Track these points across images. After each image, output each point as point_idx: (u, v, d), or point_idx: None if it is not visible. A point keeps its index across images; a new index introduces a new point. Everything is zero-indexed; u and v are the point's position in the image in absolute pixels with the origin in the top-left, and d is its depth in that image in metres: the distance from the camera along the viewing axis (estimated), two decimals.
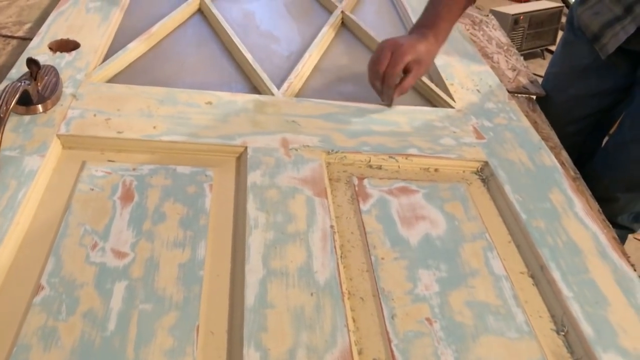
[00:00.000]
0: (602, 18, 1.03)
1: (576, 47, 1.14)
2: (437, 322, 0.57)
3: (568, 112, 1.16)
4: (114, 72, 0.90)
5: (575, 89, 1.15)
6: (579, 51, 1.13)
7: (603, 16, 1.03)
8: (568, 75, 1.16)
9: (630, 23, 0.98)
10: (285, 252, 0.61)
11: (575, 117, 1.17)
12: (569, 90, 1.16)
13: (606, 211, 0.83)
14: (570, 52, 1.17)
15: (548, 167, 0.81)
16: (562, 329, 0.59)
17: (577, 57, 1.14)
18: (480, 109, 0.92)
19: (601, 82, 1.12)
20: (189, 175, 0.70)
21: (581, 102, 1.15)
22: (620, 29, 1.00)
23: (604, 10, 1.03)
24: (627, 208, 1.13)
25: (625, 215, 1.15)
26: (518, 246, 0.69)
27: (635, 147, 1.05)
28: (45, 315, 0.52)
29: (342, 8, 1.18)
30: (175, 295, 0.55)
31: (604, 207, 0.84)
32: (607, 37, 1.03)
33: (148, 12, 1.09)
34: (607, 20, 1.03)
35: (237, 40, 1.01)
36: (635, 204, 1.13)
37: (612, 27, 1.01)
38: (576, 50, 1.14)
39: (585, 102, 1.15)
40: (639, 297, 0.62)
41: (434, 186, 0.75)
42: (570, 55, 1.17)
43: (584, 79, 1.13)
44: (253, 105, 0.83)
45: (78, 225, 0.61)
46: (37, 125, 0.73)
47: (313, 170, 0.73)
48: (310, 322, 0.54)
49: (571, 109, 1.16)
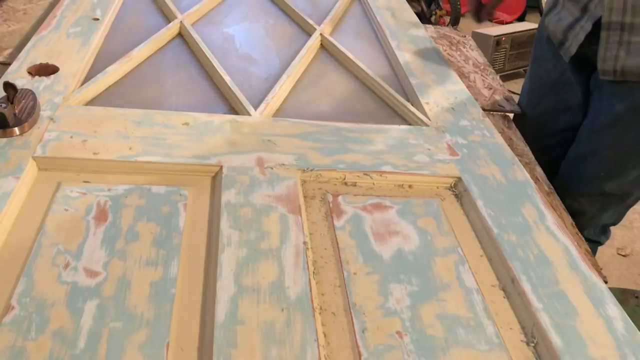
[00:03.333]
0: (564, 22, 1.07)
1: (544, 62, 1.17)
2: (407, 336, 0.58)
3: (543, 126, 1.18)
4: (92, 95, 0.91)
5: (547, 104, 1.18)
6: (546, 67, 1.16)
7: (565, 20, 1.07)
8: (539, 91, 1.20)
9: (587, 21, 1.01)
10: (258, 269, 0.61)
11: (551, 131, 1.19)
12: (541, 105, 1.19)
13: (577, 225, 0.84)
14: (539, 67, 1.20)
15: (521, 182, 0.82)
16: (532, 341, 0.60)
17: (544, 72, 1.17)
18: (454, 126, 0.93)
19: (569, 97, 1.14)
20: (164, 194, 0.71)
21: (554, 117, 1.17)
22: (580, 29, 1.03)
23: (566, 15, 1.07)
24: (594, 221, 1.15)
25: (592, 228, 1.16)
26: (490, 260, 0.70)
27: (593, 159, 1.07)
28: (15, 335, 0.52)
29: (321, 31, 1.21)
30: (147, 313, 0.56)
31: (575, 220, 0.85)
32: (570, 40, 1.06)
33: (128, 36, 1.11)
34: (568, 23, 1.06)
35: (216, 63, 1.02)
36: (600, 216, 1.15)
37: (573, 29, 1.05)
38: (544, 66, 1.18)
39: (557, 117, 1.17)
40: (607, 307, 0.63)
41: (408, 202, 0.76)
42: (538, 71, 1.20)
43: (554, 94, 1.16)
44: (230, 126, 0.84)
45: (51, 245, 0.62)
46: (13, 147, 0.73)
47: (288, 188, 0.74)
48: (280, 338, 0.54)
49: (546, 123, 1.18)
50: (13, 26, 1.15)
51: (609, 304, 0.64)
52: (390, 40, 1.21)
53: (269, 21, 1.29)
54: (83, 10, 1.14)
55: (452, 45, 1.36)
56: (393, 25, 1.29)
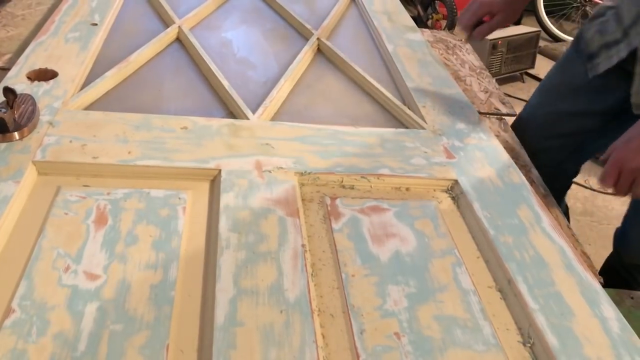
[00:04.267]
0: (604, 38, 1.03)
1: (574, 64, 1.13)
2: (405, 337, 0.58)
3: (552, 126, 1.16)
4: (91, 99, 0.92)
5: (563, 105, 1.14)
6: (576, 69, 1.11)
7: (605, 37, 1.03)
8: (559, 90, 1.16)
9: (624, 48, 0.98)
10: (256, 271, 0.62)
11: (558, 133, 1.16)
12: (556, 104, 1.15)
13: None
14: (568, 67, 1.16)
15: (517, 184, 0.83)
16: (529, 341, 0.60)
17: (572, 74, 1.13)
18: (451, 129, 0.94)
19: (590, 103, 1.10)
20: (163, 198, 0.71)
21: (566, 118, 1.14)
22: (615, 53, 1.00)
23: (608, 30, 1.03)
24: None
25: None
26: (486, 261, 0.71)
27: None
28: (15, 338, 0.52)
29: (318, 35, 1.22)
30: (146, 315, 0.56)
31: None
32: (601, 58, 1.03)
33: (127, 41, 1.11)
34: (606, 41, 1.03)
35: (214, 67, 1.03)
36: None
37: (609, 49, 1.01)
38: (573, 67, 1.13)
39: (570, 119, 1.14)
40: (603, 308, 0.64)
41: (405, 204, 0.77)
42: (566, 70, 1.16)
43: (574, 96, 1.12)
44: (228, 130, 0.85)
45: (51, 248, 0.62)
46: (12, 152, 0.74)
47: (286, 191, 0.74)
48: (279, 339, 0.55)
49: (555, 123, 1.15)
50: (12, 31, 1.16)
51: (605, 305, 0.64)
52: (387, 44, 1.21)
53: (266, 26, 1.30)
54: (81, 16, 1.15)
55: (448, 49, 1.37)
56: (389, 29, 1.29)
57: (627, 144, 0.81)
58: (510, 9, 1.00)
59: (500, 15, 1.01)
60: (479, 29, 1.01)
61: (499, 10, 1.00)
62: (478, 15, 1.00)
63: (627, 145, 0.81)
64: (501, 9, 1.00)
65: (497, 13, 1.00)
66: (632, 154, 0.79)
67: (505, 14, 1.01)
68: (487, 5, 0.99)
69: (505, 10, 1.00)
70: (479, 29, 1.01)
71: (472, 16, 1.01)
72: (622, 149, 0.81)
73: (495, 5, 1.00)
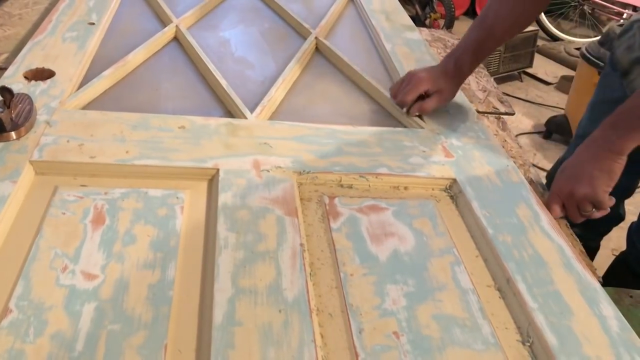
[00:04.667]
0: (633, 55, 1.03)
1: (610, 78, 1.13)
2: (404, 336, 0.58)
3: None
4: (88, 99, 0.91)
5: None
6: (612, 83, 1.12)
7: (633, 53, 1.03)
8: (603, 106, 1.14)
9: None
10: (255, 271, 0.62)
11: None
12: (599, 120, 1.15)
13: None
14: (607, 83, 1.16)
15: (515, 183, 0.83)
16: (528, 340, 0.60)
17: (610, 89, 1.13)
18: (449, 128, 0.94)
19: None
20: (161, 198, 0.71)
21: None
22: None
23: (636, 46, 1.02)
24: None
25: None
26: (485, 260, 0.71)
27: None
28: (13, 338, 0.52)
29: (316, 34, 1.21)
30: (144, 315, 0.56)
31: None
32: (635, 74, 1.02)
33: (124, 40, 1.11)
34: (636, 57, 1.02)
35: (212, 66, 1.03)
36: None
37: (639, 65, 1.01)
38: (610, 82, 1.13)
39: None
40: (602, 306, 0.64)
41: (403, 203, 0.77)
42: (605, 86, 1.17)
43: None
44: (226, 129, 0.84)
45: (49, 248, 0.62)
46: (9, 152, 0.74)
47: (284, 190, 0.74)
48: (277, 339, 0.55)
49: None
50: (9, 30, 1.15)
51: (604, 303, 0.64)
52: (385, 43, 1.21)
53: (264, 25, 1.30)
54: (79, 15, 1.14)
55: (446, 48, 1.36)
56: (387, 28, 1.29)
57: (561, 174, 0.85)
58: (449, 90, 0.98)
59: (441, 96, 0.98)
60: (417, 105, 0.97)
61: (438, 91, 0.97)
62: (420, 91, 0.96)
63: (562, 175, 0.84)
64: (441, 89, 0.97)
65: (436, 92, 0.97)
66: (564, 182, 0.83)
67: (444, 95, 0.98)
68: (427, 84, 0.96)
69: (445, 91, 0.98)
70: (417, 105, 0.97)
71: (413, 91, 0.96)
72: (558, 180, 0.84)
73: (436, 85, 0.97)
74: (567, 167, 0.84)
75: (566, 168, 0.84)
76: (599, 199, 0.80)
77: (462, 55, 0.97)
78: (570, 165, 0.84)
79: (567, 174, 0.83)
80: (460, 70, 0.97)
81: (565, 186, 0.82)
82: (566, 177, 0.83)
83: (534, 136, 2.74)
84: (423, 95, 0.97)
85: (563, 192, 0.82)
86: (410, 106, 0.97)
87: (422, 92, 0.97)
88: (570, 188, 0.81)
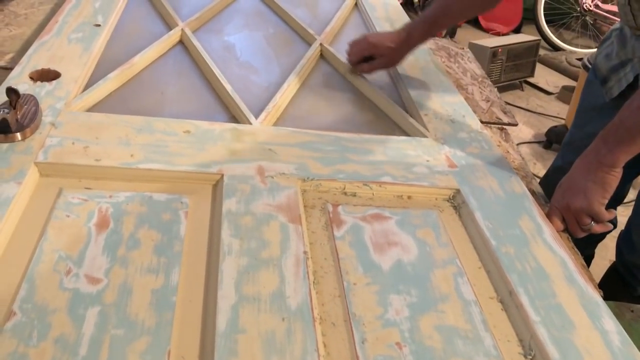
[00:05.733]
0: (610, 63, 1.05)
1: (592, 86, 1.16)
2: (406, 347, 0.58)
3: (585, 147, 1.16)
4: (94, 101, 0.91)
5: (592, 127, 1.12)
6: (595, 91, 1.14)
7: (611, 61, 1.05)
8: (587, 113, 1.19)
9: (630, 72, 1.00)
10: (258, 278, 0.62)
11: None
12: (587, 127, 1.16)
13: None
14: (590, 90, 1.19)
15: (518, 194, 0.83)
16: (530, 353, 0.60)
17: (594, 96, 1.16)
18: (453, 138, 0.94)
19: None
20: (165, 202, 0.71)
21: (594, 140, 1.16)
22: (623, 76, 1.02)
23: (614, 54, 1.05)
24: None
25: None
26: (488, 272, 0.71)
27: None
28: (16, 341, 0.52)
29: (321, 40, 1.22)
30: (148, 321, 0.56)
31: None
32: (612, 81, 1.05)
33: (130, 43, 1.11)
34: (613, 65, 1.04)
35: (217, 71, 1.03)
36: None
37: (617, 73, 1.03)
38: (592, 89, 1.16)
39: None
40: (604, 321, 0.64)
41: (407, 213, 0.77)
42: (589, 93, 1.19)
43: (600, 118, 1.09)
44: (230, 134, 0.85)
45: (53, 251, 0.62)
46: (15, 153, 0.74)
47: (288, 197, 0.74)
48: (280, 347, 0.55)
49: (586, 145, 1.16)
50: (14, 30, 1.15)
51: (605, 318, 0.65)
52: None
53: (269, 30, 1.30)
54: (85, 16, 1.14)
55: (450, 57, 1.37)
56: None
57: (559, 188, 0.86)
58: (394, 56, 1.07)
59: (383, 59, 1.07)
60: (361, 66, 1.09)
61: (383, 55, 1.06)
62: (364, 53, 1.07)
63: (559, 189, 0.86)
64: (385, 54, 1.06)
65: (381, 56, 1.06)
66: (561, 195, 0.84)
67: (387, 59, 1.07)
68: (373, 47, 1.06)
69: (389, 55, 1.07)
70: (360, 66, 1.09)
71: (358, 53, 1.08)
72: (555, 194, 0.86)
73: (381, 49, 1.06)
74: (564, 181, 0.86)
75: (563, 182, 0.86)
76: (594, 211, 0.80)
77: (416, 26, 1.05)
78: (566, 179, 0.86)
79: (563, 188, 0.85)
80: (410, 38, 1.05)
81: (562, 200, 0.83)
82: (562, 191, 0.84)
83: (534, 146, 2.74)
84: (369, 57, 1.07)
85: (561, 205, 0.83)
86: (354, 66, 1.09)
87: (367, 55, 1.07)
88: (566, 201, 0.82)
